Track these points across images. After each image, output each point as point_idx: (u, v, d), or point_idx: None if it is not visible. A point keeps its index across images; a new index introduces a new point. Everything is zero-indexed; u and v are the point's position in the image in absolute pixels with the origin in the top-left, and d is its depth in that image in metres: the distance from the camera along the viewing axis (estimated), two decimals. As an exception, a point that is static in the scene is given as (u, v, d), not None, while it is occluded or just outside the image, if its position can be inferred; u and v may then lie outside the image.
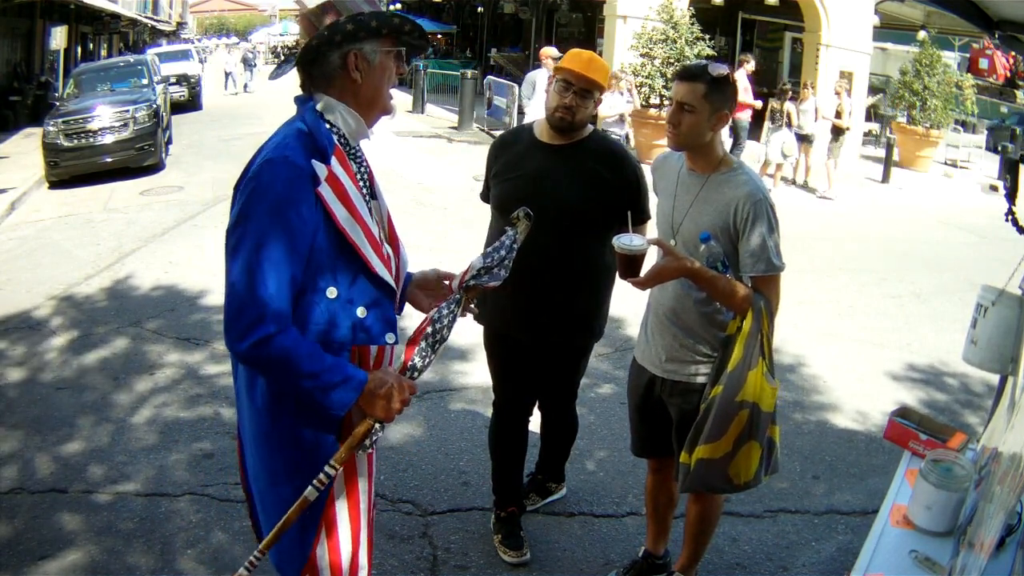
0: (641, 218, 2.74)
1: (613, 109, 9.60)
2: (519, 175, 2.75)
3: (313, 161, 1.66)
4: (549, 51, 9.80)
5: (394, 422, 1.83)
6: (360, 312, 1.73)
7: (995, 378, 2.72)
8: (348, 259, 1.71)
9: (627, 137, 10.44)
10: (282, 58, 1.98)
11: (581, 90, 2.64)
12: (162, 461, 3.66)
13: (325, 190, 1.66)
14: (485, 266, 1.88)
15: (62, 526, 3.16)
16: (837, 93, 11.32)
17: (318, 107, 1.76)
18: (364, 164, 1.85)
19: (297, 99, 1.80)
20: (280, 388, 1.72)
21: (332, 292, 1.69)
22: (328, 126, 1.75)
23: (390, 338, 1.79)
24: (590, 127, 2.80)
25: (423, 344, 1.78)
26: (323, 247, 1.67)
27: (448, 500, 3.41)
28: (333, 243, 1.68)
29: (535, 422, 3.15)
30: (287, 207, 1.61)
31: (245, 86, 25.37)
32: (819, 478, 3.75)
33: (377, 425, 1.73)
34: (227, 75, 25.73)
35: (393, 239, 1.90)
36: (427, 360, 1.79)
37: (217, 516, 3.24)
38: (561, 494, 3.43)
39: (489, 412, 3.11)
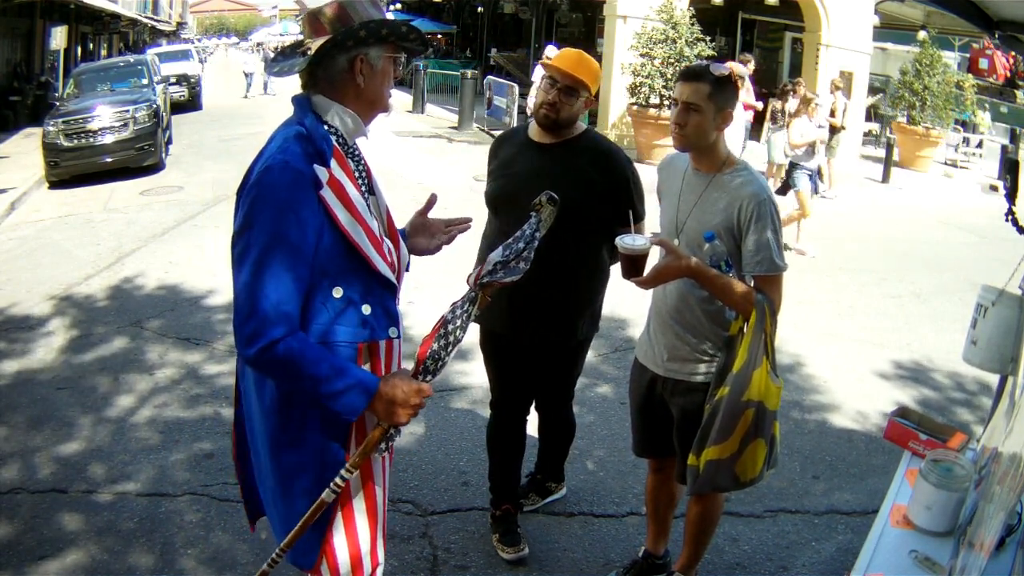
0: (635, 217, 2.74)
1: (804, 137, 7.57)
2: (510, 173, 2.77)
3: (314, 165, 1.67)
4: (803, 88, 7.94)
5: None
6: (365, 309, 1.76)
7: (995, 378, 2.72)
8: (351, 259, 1.73)
9: (819, 173, 8.14)
10: (275, 55, 1.98)
11: (565, 87, 2.65)
12: (162, 461, 3.66)
13: (327, 193, 1.68)
14: (502, 260, 1.84)
15: (62, 526, 3.16)
16: (832, 91, 11.33)
17: (316, 108, 1.77)
18: (362, 162, 1.87)
19: (295, 99, 1.81)
20: (290, 391, 1.74)
21: (338, 292, 1.72)
22: (326, 127, 1.76)
23: (393, 332, 1.82)
24: (582, 126, 2.81)
25: (436, 346, 1.77)
26: (327, 249, 1.69)
27: (448, 500, 3.41)
28: (336, 244, 1.70)
29: (534, 422, 3.15)
30: (290, 212, 1.63)
31: (265, 86, 23.46)
32: (819, 478, 3.75)
33: (392, 429, 1.75)
34: (247, 76, 24.01)
35: (392, 233, 1.92)
36: (441, 362, 1.78)
37: (217, 516, 3.25)
38: (561, 494, 3.43)
39: (489, 412, 3.11)
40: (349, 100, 1.78)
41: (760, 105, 11.55)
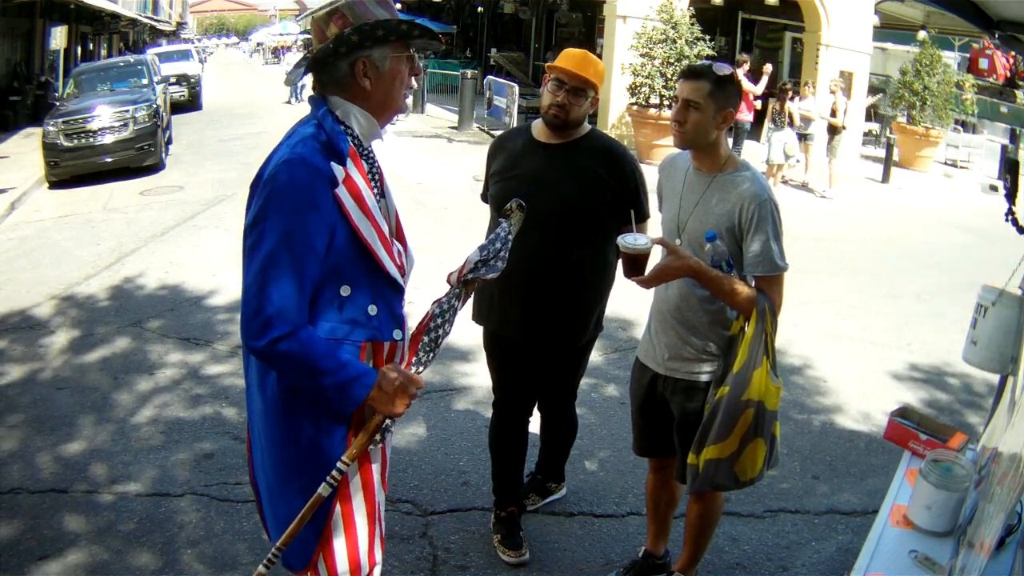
0: (640, 217, 2.75)
1: None
2: (516, 175, 2.76)
3: (331, 163, 1.68)
4: None
5: (397, 420, 1.85)
6: (372, 310, 1.77)
7: (995, 378, 2.72)
8: (362, 258, 1.74)
9: None
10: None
11: (574, 88, 2.66)
12: (163, 461, 3.66)
13: (342, 192, 1.69)
14: (482, 259, 1.93)
15: (63, 526, 3.16)
16: (832, 91, 11.34)
17: (332, 109, 1.77)
18: (375, 164, 1.87)
19: (311, 99, 1.82)
20: (293, 385, 1.75)
21: (346, 291, 1.73)
22: (342, 127, 1.76)
23: (398, 335, 1.85)
24: (588, 126, 2.81)
25: (426, 339, 1.84)
26: (339, 247, 1.70)
27: (448, 500, 3.41)
28: (348, 243, 1.71)
29: (535, 422, 3.16)
30: (305, 208, 1.64)
31: (301, 90, 20.78)
32: (819, 478, 3.75)
33: (388, 421, 1.78)
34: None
35: (400, 236, 1.93)
36: (431, 355, 1.85)
37: (218, 516, 3.25)
38: (561, 494, 3.43)
39: (490, 412, 3.12)
40: (360, 102, 1.78)
41: (759, 102, 11.55)
